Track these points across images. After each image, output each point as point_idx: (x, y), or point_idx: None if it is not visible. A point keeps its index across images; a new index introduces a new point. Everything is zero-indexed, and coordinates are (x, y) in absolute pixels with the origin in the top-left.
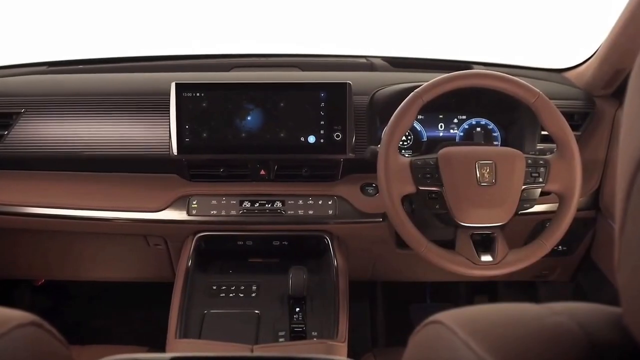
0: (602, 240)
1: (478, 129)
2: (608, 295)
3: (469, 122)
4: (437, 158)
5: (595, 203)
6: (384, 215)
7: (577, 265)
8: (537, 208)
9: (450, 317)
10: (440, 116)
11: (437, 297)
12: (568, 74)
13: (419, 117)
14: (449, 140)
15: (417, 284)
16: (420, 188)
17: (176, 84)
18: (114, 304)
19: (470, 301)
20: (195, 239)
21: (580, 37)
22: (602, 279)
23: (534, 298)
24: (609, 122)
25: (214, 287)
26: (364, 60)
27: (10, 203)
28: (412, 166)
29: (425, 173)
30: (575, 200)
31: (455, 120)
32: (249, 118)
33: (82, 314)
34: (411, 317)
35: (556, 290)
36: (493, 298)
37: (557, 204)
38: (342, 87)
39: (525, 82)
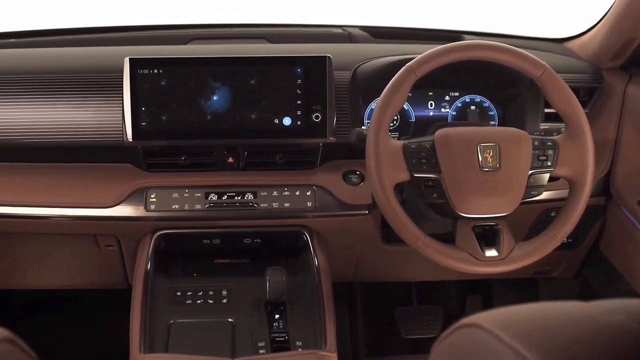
0: (613, 230)
1: (472, 108)
2: (619, 292)
3: (462, 99)
4: (433, 140)
5: (606, 189)
6: (370, 207)
7: (583, 259)
8: (543, 195)
9: (488, 319)
10: (430, 93)
11: (424, 299)
12: (570, 44)
13: None
14: (441, 121)
15: (401, 285)
16: (415, 175)
17: (130, 59)
18: (56, 315)
19: (462, 302)
20: (154, 238)
21: (579, 3)
22: (613, 273)
23: (535, 297)
24: (618, 97)
25: (178, 293)
26: (340, 30)
27: None
28: (406, 150)
29: (420, 158)
30: (588, 185)
31: (447, 98)
32: (214, 98)
33: (17, 327)
34: (397, 322)
35: (560, 287)
36: (488, 298)
37: (564, 190)
38: (321, 61)
39: (530, 54)
